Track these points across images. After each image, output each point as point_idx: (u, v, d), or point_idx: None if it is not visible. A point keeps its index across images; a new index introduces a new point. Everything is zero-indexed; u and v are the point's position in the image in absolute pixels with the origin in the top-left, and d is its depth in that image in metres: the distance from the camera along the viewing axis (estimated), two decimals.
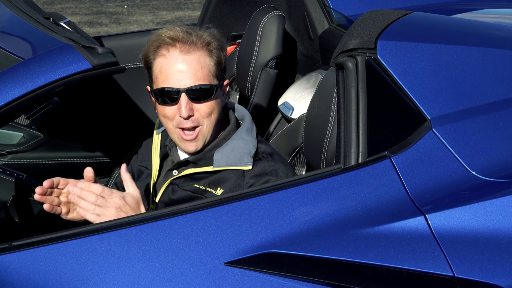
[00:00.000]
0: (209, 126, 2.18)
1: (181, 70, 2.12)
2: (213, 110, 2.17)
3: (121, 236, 1.85)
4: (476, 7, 3.16)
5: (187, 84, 2.12)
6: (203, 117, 2.16)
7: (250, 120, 2.28)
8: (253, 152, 2.18)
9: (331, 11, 3.15)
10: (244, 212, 1.91)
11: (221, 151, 2.19)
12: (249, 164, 2.15)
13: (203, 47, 2.15)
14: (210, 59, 2.16)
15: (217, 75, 2.18)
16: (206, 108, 2.15)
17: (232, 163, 2.16)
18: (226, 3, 3.58)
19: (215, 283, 1.84)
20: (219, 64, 2.18)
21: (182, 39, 2.13)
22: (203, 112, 2.15)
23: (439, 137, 2.05)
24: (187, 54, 2.13)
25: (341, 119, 2.08)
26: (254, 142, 2.21)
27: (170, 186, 2.24)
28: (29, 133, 3.53)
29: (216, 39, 2.19)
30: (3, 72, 1.94)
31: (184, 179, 2.22)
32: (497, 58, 2.20)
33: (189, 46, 2.13)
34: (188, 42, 2.14)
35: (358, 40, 2.12)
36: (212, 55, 2.17)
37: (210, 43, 2.17)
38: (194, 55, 2.13)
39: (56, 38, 2.08)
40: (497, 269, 1.93)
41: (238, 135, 2.21)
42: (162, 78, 2.14)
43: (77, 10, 8.99)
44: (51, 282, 1.79)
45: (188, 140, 2.17)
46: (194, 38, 2.15)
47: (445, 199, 1.99)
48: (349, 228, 1.93)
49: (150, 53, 2.17)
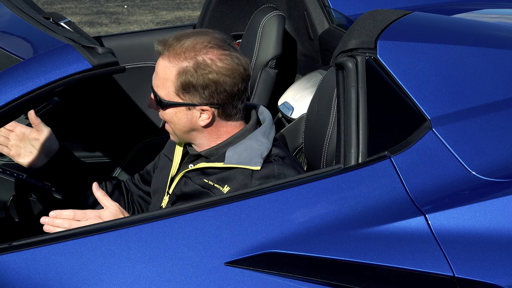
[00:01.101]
0: (176, 130, 2.22)
1: (155, 68, 2.21)
2: (169, 120, 2.20)
3: (121, 236, 1.85)
4: (476, 7, 3.16)
5: (153, 83, 2.21)
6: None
7: (269, 123, 2.27)
8: (265, 154, 2.18)
9: (331, 11, 3.15)
10: (244, 212, 1.91)
11: (234, 149, 2.19)
12: (258, 164, 2.15)
13: (176, 58, 2.13)
14: (176, 75, 2.13)
15: (179, 94, 2.14)
16: (161, 114, 2.21)
17: (243, 161, 2.17)
18: (226, 3, 3.58)
19: (215, 283, 1.84)
20: (185, 84, 2.12)
21: (166, 41, 2.18)
22: (161, 114, 2.22)
23: (439, 137, 2.05)
24: (161, 57, 2.18)
25: (341, 119, 2.08)
26: (269, 145, 2.21)
27: (183, 179, 2.27)
28: None
29: (203, 58, 2.11)
30: (3, 72, 1.94)
31: (196, 173, 2.24)
32: (497, 58, 2.20)
33: (168, 49, 2.16)
34: (167, 44, 2.17)
35: (358, 40, 2.12)
36: (181, 72, 2.12)
37: (187, 59, 2.12)
38: (162, 60, 2.17)
39: (56, 38, 2.08)
40: (497, 269, 1.93)
41: (254, 136, 2.22)
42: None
43: (77, 10, 8.99)
44: (51, 282, 1.79)
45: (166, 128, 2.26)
46: (175, 43, 2.15)
47: (445, 199, 1.99)
48: (349, 228, 1.93)
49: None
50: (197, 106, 2.14)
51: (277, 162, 2.17)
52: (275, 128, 2.30)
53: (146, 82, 2.24)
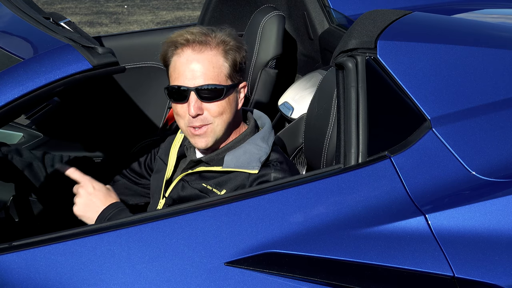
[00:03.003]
0: (221, 125, 2.19)
1: (192, 68, 2.14)
2: (224, 110, 2.17)
3: (121, 236, 1.85)
4: (476, 7, 3.16)
5: (196, 83, 2.14)
6: (213, 116, 2.17)
7: (269, 128, 2.28)
8: (264, 159, 2.19)
9: (331, 11, 3.15)
10: (244, 212, 1.91)
11: (233, 153, 2.20)
12: (256, 168, 2.16)
13: (217, 47, 2.17)
14: (224, 60, 2.17)
15: (231, 76, 2.19)
16: (216, 107, 2.16)
17: (241, 165, 2.17)
18: (226, 3, 3.58)
19: (215, 283, 1.84)
20: (234, 65, 2.19)
21: (195, 39, 2.16)
22: (212, 111, 2.16)
23: (439, 137, 2.05)
24: (199, 53, 2.15)
25: (341, 119, 2.08)
26: (267, 150, 2.21)
27: (180, 183, 2.27)
28: (29, 133, 3.53)
29: (233, 40, 2.20)
30: (3, 72, 1.94)
31: (195, 177, 2.24)
32: (497, 58, 2.20)
33: (202, 45, 2.16)
34: (201, 42, 2.16)
35: (358, 40, 2.12)
36: (227, 56, 2.17)
37: (225, 43, 2.18)
38: (206, 54, 2.15)
39: (56, 38, 2.08)
40: (497, 269, 1.93)
41: (253, 140, 2.23)
42: (174, 76, 2.18)
43: (77, 10, 8.99)
44: (51, 282, 1.79)
45: (197, 134, 2.18)
46: (208, 38, 2.17)
47: (445, 199, 1.99)
48: (349, 228, 1.93)
49: (168, 52, 2.21)
50: (242, 82, 2.24)
51: (274, 167, 2.18)
52: (276, 128, 2.30)
53: (146, 82, 2.24)
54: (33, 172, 2.42)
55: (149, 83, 3.61)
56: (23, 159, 2.43)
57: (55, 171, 2.43)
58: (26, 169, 2.41)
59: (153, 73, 3.59)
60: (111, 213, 2.15)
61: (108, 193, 2.21)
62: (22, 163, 2.41)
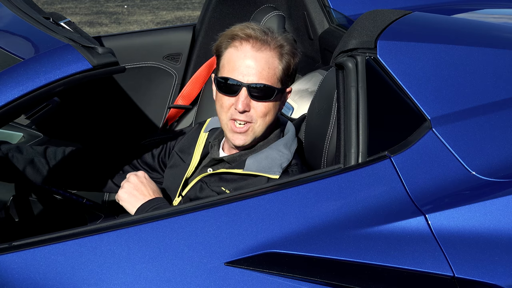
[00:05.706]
0: (262, 126, 2.21)
1: (248, 65, 2.16)
2: (269, 111, 2.19)
3: (121, 236, 1.85)
4: (476, 7, 3.16)
5: (250, 80, 2.16)
6: (258, 116, 2.19)
7: (292, 135, 2.31)
8: (285, 165, 2.20)
9: (331, 11, 3.15)
10: (244, 212, 1.91)
11: (255, 157, 2.22)
12: (277, 173, 2.18)
13: (275, 49, 2.19)
14: (279, 62, 2.19)
15: (282, 80, 2.21)
16: (263, 107, 2.18)
17: (262, 169, 2.18)
18: (226, 3, 3.58)
19: (215, 283, 1.84)
20: (287, 69, 2.22)
21: (257, 36, 2.18)
22: (259, 111, 2.18)
23: (439, 137, 2.05)
24: (257, 51, 2.17)
25: (341, 119, 2.08)
26: (289, 156, 2.23)
27: (199, 183, 2.27)
28: (29, 133, 3.52)
29: (290, 44, 2.23)
30: (3, 72, 1.94)
31: (214, 179, 2.25)
32: (497, 58, 2.20)
33: (261, 44, 2.18)
34: (262, 40, 2.18)
35: (358, 40, 2.12)
36: (282, 59, 2.20)
37: (282, 47, 2.21)
38: (264, 53, 2.17)
39: (56, 38, 2.08)
40: (497, 269, 1.93)
41: (276, 146, 2.24)
42: (228, 68, 2.19)
43: (77, 10, 8.99)
44: (51, 282, 1.79)
45: (238, 132, 2.20)
46: (269, 38, 2.19)
47: (445, 199, 1.99)
48: (349, 228, 1.93)
49: (223, 43, 2.22)
50: (289, 87, 2.27)
51: (293, 173, 2.19)
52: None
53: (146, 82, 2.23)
54: (35, 167, 2.43)
55: (149, 83, 3.60)
56: (24, 156, 2.43)
57: (59, 162, 2.44)
58: (28, 165, 2.41)
59: (153, 73, 3.59)
60: (156, 205, 2.17)
61: (157, 188, 2.24)
62: (23, 160, 2.41)
